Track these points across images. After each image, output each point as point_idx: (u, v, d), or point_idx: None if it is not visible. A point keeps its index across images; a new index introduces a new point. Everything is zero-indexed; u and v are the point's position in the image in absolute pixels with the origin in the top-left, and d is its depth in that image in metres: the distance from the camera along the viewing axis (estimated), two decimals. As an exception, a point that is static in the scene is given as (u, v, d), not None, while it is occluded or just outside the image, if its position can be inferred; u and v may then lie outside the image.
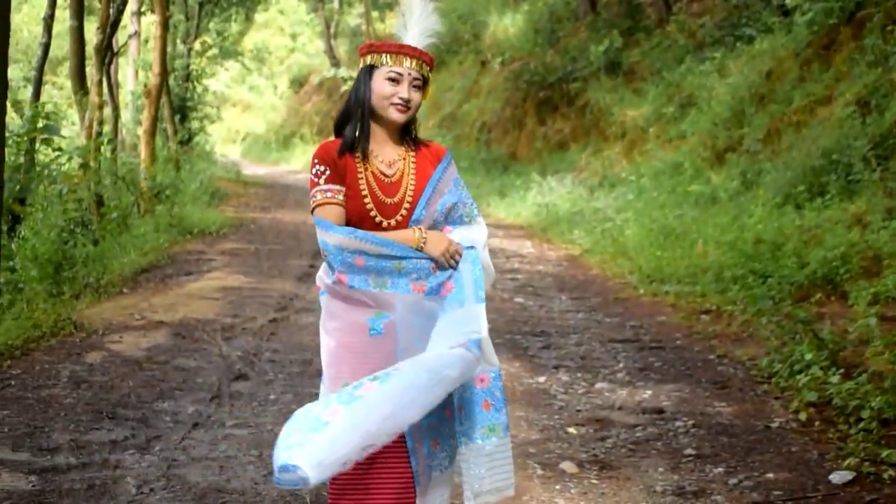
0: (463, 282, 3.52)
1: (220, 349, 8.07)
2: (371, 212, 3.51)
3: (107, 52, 16.53)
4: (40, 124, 12.17)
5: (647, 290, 10.71)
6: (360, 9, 42.42)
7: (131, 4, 23.23)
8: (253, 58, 39.48)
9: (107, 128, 18.14)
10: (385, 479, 3.50)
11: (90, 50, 16.33)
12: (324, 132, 40.14)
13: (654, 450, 5.82)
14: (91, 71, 15.84)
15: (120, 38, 22.79)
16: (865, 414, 5.88)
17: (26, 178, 11.71)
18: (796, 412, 6.35)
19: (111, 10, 16.46)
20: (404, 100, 3.53)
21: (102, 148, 15.55)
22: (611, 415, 6.54)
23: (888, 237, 8.84)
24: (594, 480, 5.31)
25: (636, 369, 7.68)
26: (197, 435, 5.92)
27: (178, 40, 27.72)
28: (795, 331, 7.64)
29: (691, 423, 6.29)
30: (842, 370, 6.57)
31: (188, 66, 27.66)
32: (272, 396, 6.81)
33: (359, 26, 42.68)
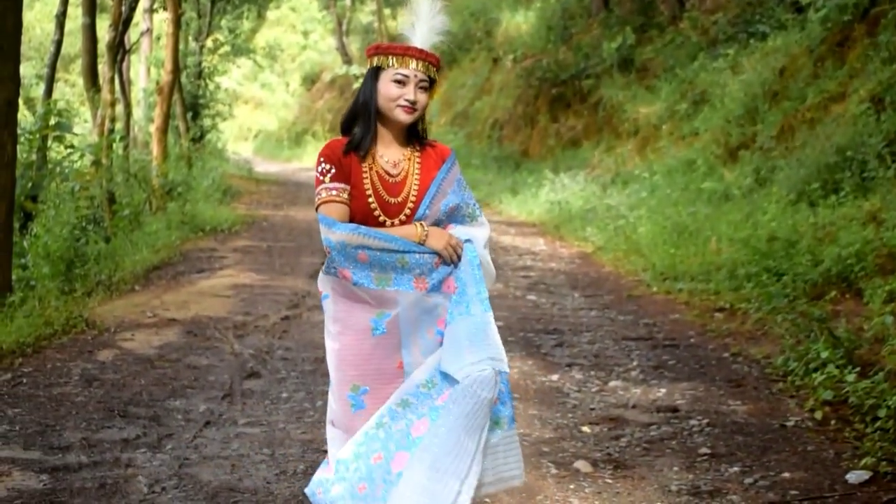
0: (464, 281, 3.55)
1: (232, 347, 8.05)
2: (375, 211, 3.55)
3: (119, 50, 16.55)
4: (52, 122, 12.20)
5: (661, 288, 10.66)
6: (372, 6, 42.45)
7: (143, 2, 23.33)
8: (265, 55, 39.52)
9: (119, 125, 18.18)
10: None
11: (102, 47, 16.36)
12: (336, 129, 39.89)
13: (668, 449, 5.78)
14: (103, 68, 15.86)
15: (132, 35, 22.82)
16: (882, 413, 5.82)
17: (38, 175, 11.73)
18: (812, 411, 6.31)
19: (123, 8, 16.47)
20: (410, 101, 3.56)
21: (114, 145, 15.57)
22: (625, 413, 6.49)
23: (904, 235, 8.78)
24: (609, 480, 5.26)
25: (650, 367, 7.63)
26: (209, 433, 5.90)
27: (191, 37, 27.75)
28: (810, 329, 7.59)
29: (706, 421, 6.24)
30: (858, 368, 6.51)
31: (200, 63, 27.68)
32: (284, 395, 6.78)
33: (371, 23, 42.70)
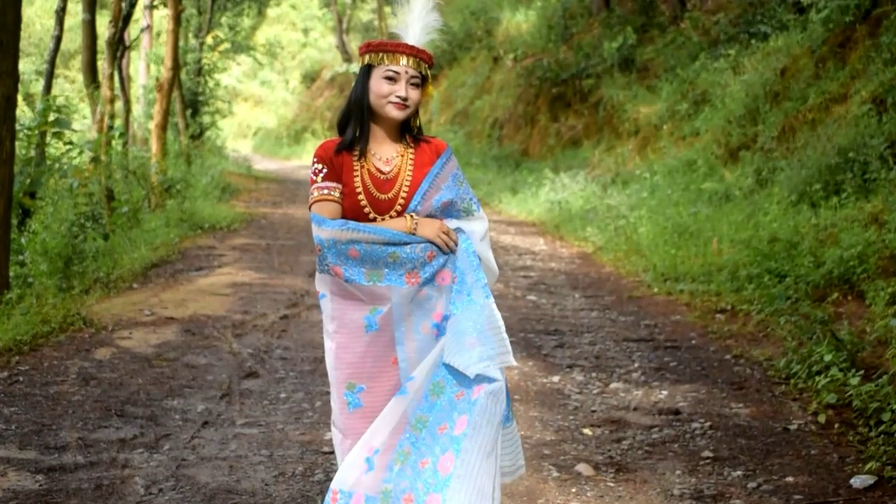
0: (462, 269, 3.54)
1: (230, 346, 7.99)
2: (365, 208, 3.56)
3: (119, 46, 16.50)
4: (51, 118, 12.14)
5: (662, 289, 10.60)
6: (372, 4, 42.43)
7: (143, -2, 23.23)
8: (265, 52, 39.42)
9: (118, 122, 18.12)
10: None
11: (102, 44, 16.31)
12: (335, 128, 40.02)
13: (670, 452, 5.72)
14: (103, 65, 15.81)
15: (132, 31, 22.78)
16: (886, 417, 5.77)
17: (37, 171, 11.68)
18: (815, 414, 6.25)
19: (123, 4, 16.42)
20: (402, 98, 3.55)
21: (113, 142, 15.52)
22: (626, 415, 6.43)
23: (905, 236, 8.73)
24: (610, 483, 5.21)
25: (651, 369, 7.57)
26: (206, 434, 5.84)
27: (191, 34, 27.72)
28: (813, 331, 7.54)
29: (708, 424, 6.19)
30: (861, 372, 6.46)
31: (200, 60, 27.63)
32: (283, 395, 6.72)
33: (371, 21, 42.67)
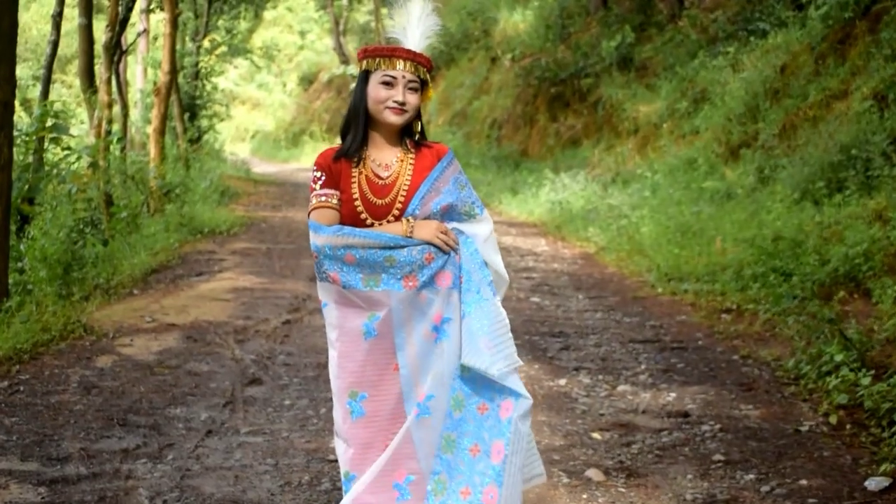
0: (468, 269, 3.52)
1: (232, 352, 7.90)
2: (361, 214, 3.53)
3: (116, 50, 16.40)
4: (49, 123, 12.04)
5: (666, 289, 10.53)
6: (369, 6, 42.32)
7: (140, 2, 23.16)
8: (262, 55, 39.34)
9: (116, 126, 18.01)
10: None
11: (99, 48, 16.21)
12: (333, 129, 40.04)
13: (681, 455, 5.65)
14: (100, 69, 15.71)
15: (129, 36, 22.69)
16: (899, 417, 5.72)
17: (35, 177, 11.58)
18: (826, 415, 6.19)
19: (120, 8, 16.33)
20: (399, 102, 3.52)
21: (112, 147, 15.41)
22: (635, 419, 6.36)
23: (910, 233, 8.67)
24: (622, 489, 5.13)
25: (658, 371, 7.50)
26: (210, 443, 5.75)
27: (188, 38, 27.63)
28: (821, 330, 7.48)
29: (718, 426, 6.12)
30: (872, 371, 6.39)
31: (197, 63, 27.55)
32: (287, 402, 6.63)
33: (368, 23, 42.57)
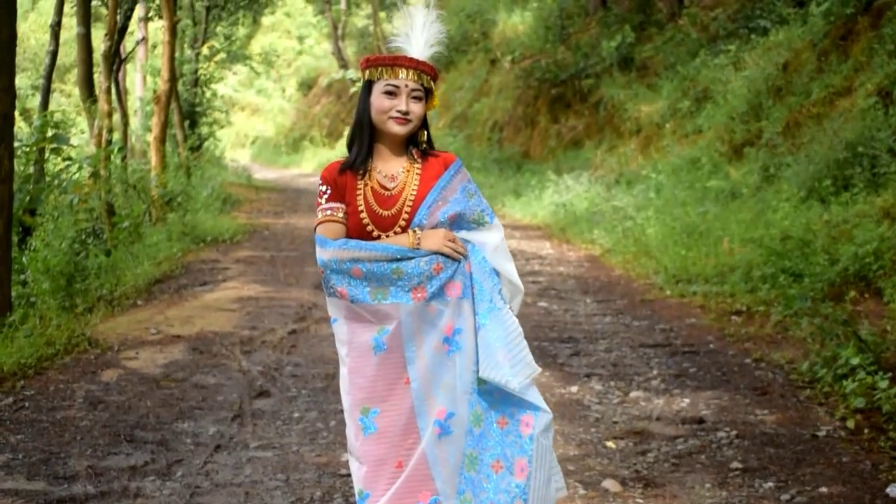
0: (478, 278, 3.45)
1: (239, 364, 7.80)
2: (367, 226, 3.46)
3: (115, 59, 16.34)
4: (49, 133, 11.96)
5: (674, 291, 10.43)
6: (367, 10, 42.26)
7: (138, 10, 23.10)
8: (261, 61, 39.26)
9: (116, 135, 17.93)
10: None
11: (98, 57, 16.12)
12: (333, 134, 39.99)
13: (698, 464, 5.55)
14: (99, 78, 15.64)
15: (127, 44, 22.63)
16: (919, 421, 5.63)
17: (36, 188, 11.49)
18: (843, 419, 6.09)
19: (118, 17, 16.27)
20: (402, 112, 3.44)
21: (112, 156, 15.32)
22: (649, 426, 6.26)
23: (920, 231, 8.60)
24: (639, 500, 5.02)
25: (671, 376, 7.40)
26: (220, 458, 5.66)
27: (186, 45, 27.54)
28: (833, 332, 7.39)
29: (734, 433, 6.02)
30: (889, 374, 6.29)
31: (196, 70, 27.47)
32: (296, 414, 6.53)
33: (366, 27, 42.49)
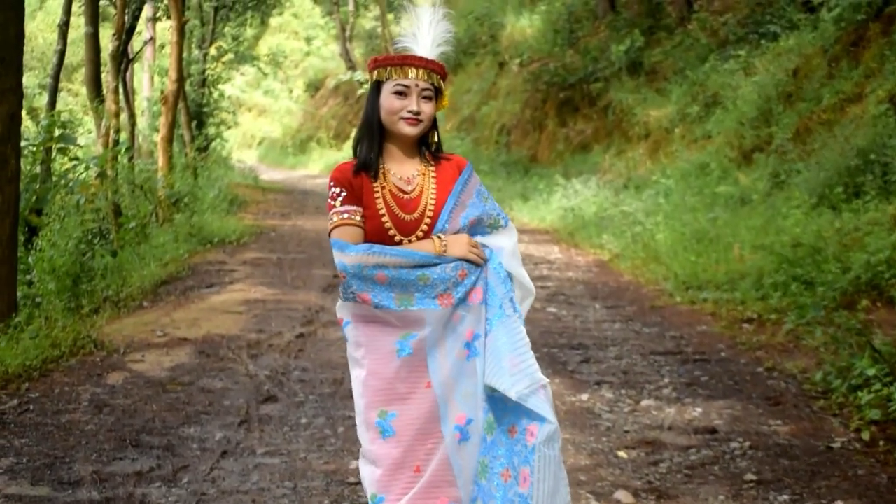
0: (492, 284, 3.40)
1: (246, 368, 7.72)
2: (390, 230, 3.36)
3: (122, 59, 16.31)
4: (56, 133, 11.91)
5: (684, 298, 10.35)
6: (375, 11, 42.20)
7: (147, 10, 23.06)
8: (268, 62, 39.19)
9: (123, 135, 17.89)
10: None
11: (106, 57, 16.09)
12: (340, 136, 39.93)
13: (711, 475, 5.46)
14: (107, 78, 15.60)
15: (135, 44, 22.58)
16: (935, 434, 5.55)
17: (43, 188, 11.45)
18: (858, 431, 6.01)
19: (126, 17, 16.23)
20: (413, 112, 3.35)
21: (119, 156, 15.28)
22: (661, 436, 6.17)
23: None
24: (653, 512, 4.96)
25: (682, 384, 7.32)
26: (226, 464, 5.58)
27: (194, 46, 27.49)
28: (846, 341, 7.31)
29: (748, 444, 5.94)
30: (904, 385, 6.21)
31: (204, 71, 27.42)
32: (304, 420, 6.45)
33: (374, 29, 42.46)
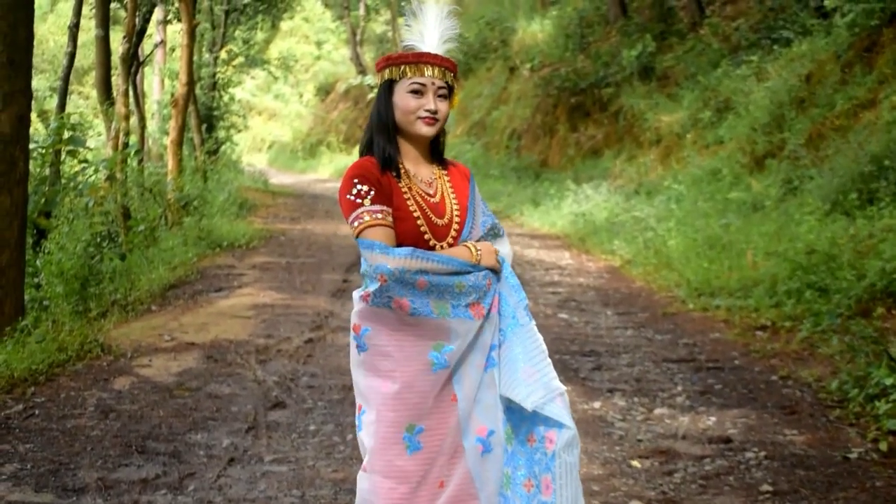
0: (504, 294, 3.34)
1: (254, 374, 7.64)
2: (425, 234, 3.24)
3: (133, 62, 16.27)
4: (66, 136, 11.85)
5: (697, 305, 10.25)
6: (386, 16, 42.21)
7: (157, 13, 23.04)
8: (279, 66, 39.16)
9: (133, 138, 17.84)
10: None
11: (116, 59, 16.04)
12: (350, 140, 39.89)
13: (726, 485, 5.37)
14: (117, 81, 15.55)
15: (146, 47, 22.55)
16: (954, 445, 5.45)
17: (52, 190, 11.38)
18: (875, 441, 5.91)
19: (137, 20, 16.19)
20: (431, 111, 3.24)
21: (129, 159, 15.22)
22: (675, 445, 6.08)
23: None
24: (667, 523, 4.87)
25: (696, 392, 7.22)
26: (233, 472, 5.49)
27: (205, 49, 27.46)
28: (862, 349, 7.21)
29: (763, 454, 5.84)
30: (922, 395, 6.12)
31: (214, 74, 27.38)
32: (312, 427, 6.37)
33: (385, 33, 42.44)
